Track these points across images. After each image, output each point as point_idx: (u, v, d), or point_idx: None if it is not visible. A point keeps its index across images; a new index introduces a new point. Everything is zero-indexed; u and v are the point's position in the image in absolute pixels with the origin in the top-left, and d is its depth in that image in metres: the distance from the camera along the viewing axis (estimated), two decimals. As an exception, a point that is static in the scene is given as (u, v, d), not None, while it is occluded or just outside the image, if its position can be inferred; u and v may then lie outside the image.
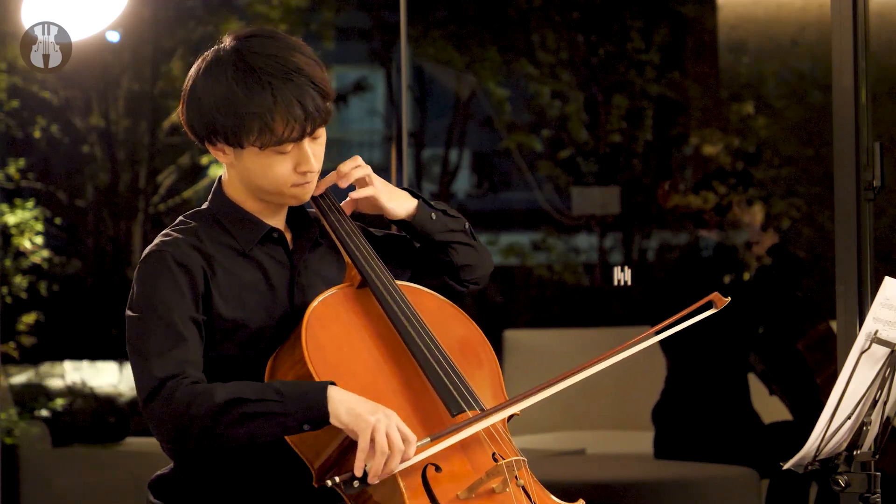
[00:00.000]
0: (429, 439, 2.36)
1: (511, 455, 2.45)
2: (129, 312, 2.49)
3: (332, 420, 2.34)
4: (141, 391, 2.42)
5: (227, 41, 2.51)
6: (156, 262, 2.49)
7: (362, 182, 2.64)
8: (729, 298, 2.49)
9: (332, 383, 2.37)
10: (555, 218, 6.82)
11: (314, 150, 2.51)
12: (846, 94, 3.76)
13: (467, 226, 2.75)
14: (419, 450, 2.36)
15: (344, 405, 2.34)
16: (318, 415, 2.34)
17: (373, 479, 2.33)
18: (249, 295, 2.53)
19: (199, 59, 2.53)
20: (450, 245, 2.71)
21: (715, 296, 2.52)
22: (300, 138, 2.47)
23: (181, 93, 2.56)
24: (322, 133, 2.53)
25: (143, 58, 6.75)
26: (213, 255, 2.53)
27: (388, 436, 2.32)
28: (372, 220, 2.77)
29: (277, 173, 2.50)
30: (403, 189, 2.70)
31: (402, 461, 2.34)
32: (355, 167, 2.64)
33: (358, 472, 2.32)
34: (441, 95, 7.45)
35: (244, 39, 2.50)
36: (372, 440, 2.31)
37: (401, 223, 2.69)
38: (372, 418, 2.32)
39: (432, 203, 2.71)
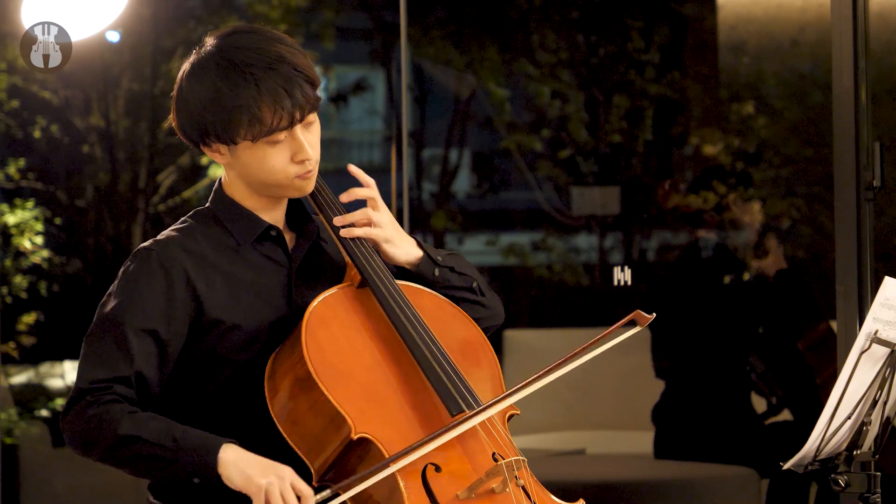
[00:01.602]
0: (328, 492, 2.34)
1: (511, 455, 2.45)
2: (105, 298, 2.51)
3: (225, 481, 2.35)
4: (70, 393, 2.45)
5: (209, 42, 2.52)
6: (141, 262, 2.51)
7: (366, 221, 2.62)
8: (654, 315, 2.45)
9: (233, 441, 2.37)
10: (555, 218, 6.82)
11: (308, 138, 2.51)
12: (846, 94, 3.77)
13: (475, 284, 2.69)
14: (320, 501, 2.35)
15: (237, 468, 2.34)
16: (207, 473, 2.36)
17: None
18: (246, 294, 2.53)
19: (185, 64, 2.53)
20: (453, 299, 2.68)
21: (636, 313, 2.47)
22: (290, 126, 2.47)
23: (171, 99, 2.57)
24: (313, 120, 2.52)
25: (143, 58, 6.75)
26: (208, 256, 2.53)
27: (283, 496, 2.31)
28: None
29: (275, 165, 2.50)
30: (413, 237, 2.67)
31: None
32: (365, 195, 2.61)
33: None
34: (441, 95, 7.45)
35: (224, 37, 2.51)
36: (267, 502, 2.31)
37: (399, 267, 2.66)
38: (264, 481, 2.32)
39: (439, 258, 2.66)
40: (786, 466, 2.70)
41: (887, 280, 2.68)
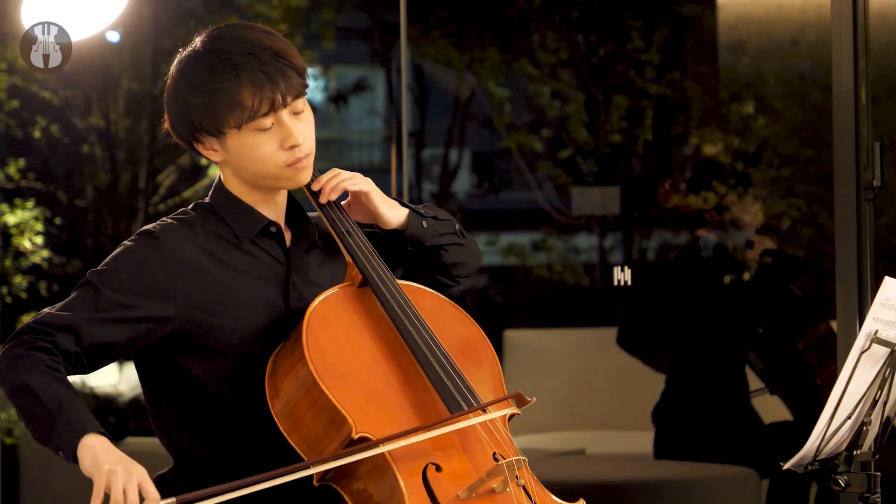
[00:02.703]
0: (173, 499, 2.29)
1: (512, 455, 2.45)
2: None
3: (80, 466, 2.33)
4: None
5: (197, 40, 2.54)
6: (142, 240, 2.53)
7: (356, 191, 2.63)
8: (534, 399, 2.46)
9: (105, 433, 2.35)
10: (555, 218, 6.82)
11: (298, 126, 2.51)
12: (846, 94, 3.76)
13: (457, 227, 2.75)
14: None
15: (91, 452, 2.32)
16: (68, 451, 2.34)
17: None
18: (243, 289, 2.54)
19: (173, 66, 2.54)
20: (441, 247, 2.71)
21: (517, 394, 2.47)
22: (272, 109, 2.47)
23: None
24: (303, 108, 2.52)
25: (143, 58, 6.75)
26: (207, 248, 2.54)
27: (125, 490, 2.28)
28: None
29: (264, 153, 2.50)
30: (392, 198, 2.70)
31: None
32: (343, 180, 2.62)
33: None
34: (441, 95, 7.45)
35: (211, 31, 2.53)
36: (107, 492, 2.29)
37: (390, 232, 2.68)
38: (107, 468, 2.29)
39: (422, 211, 2.70)
40: (786, 466, 2.70)
41: (887, 280, 2.68)
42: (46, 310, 2.47)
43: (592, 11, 7.06)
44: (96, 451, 2.32)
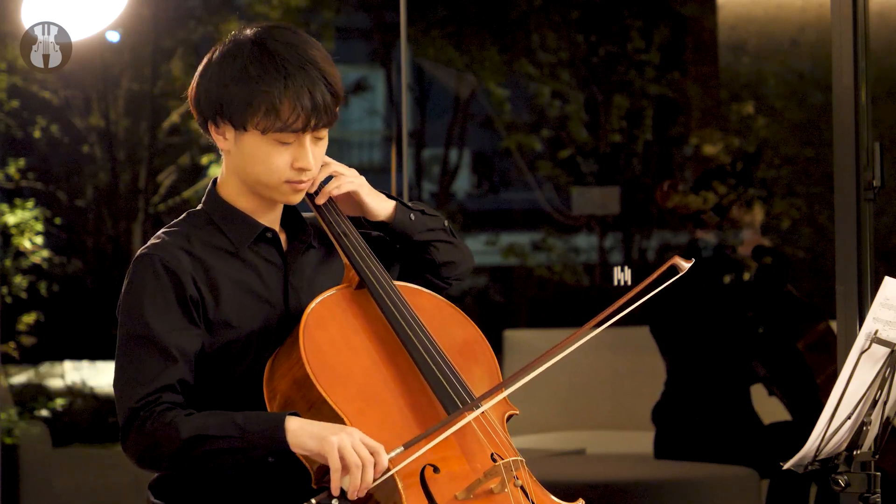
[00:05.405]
0: (402, 448, 2.34)
1: (509, 455, 2.44)
2: (119, 316, 2.52)
3: (296, 449, 2.35)
4: (119, 416, 2.46)
5: (249, 30, 2.53)
6: (145, 268, 2.50)
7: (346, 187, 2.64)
8: (693, 260, 2.46)
9: (295, 413, 2.38)
10: (555, 218, 6.82)
11: (314, 150, 2.51)
12: (846, 94, 3.76)
13: (446, 224, 2.75)
14: (393, 461, 2.35)
15: (305, 432, 2.35)
16: (279, 447, 2.36)
17: (353, 496, 2.33)
18: (242, 296, 2.53)
19: (217, 45, 2.54)
20: (430, 244, 2.71)
21: (675, 260, 2.49)
22: (303, 129, 2.47)
23: (186, 90, 2.58)
24: (324, 136, 2.53)
25: (143, 58, 6.75)
26: (203, 258, 2.53)
27: (355, 450, 2.32)
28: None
29: (275, 164, 2.50)
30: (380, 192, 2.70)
31: (377, 472, 2.33)
32: (333, 186, 2.62)
33: (335, 492, 2.32)
34: (441, 95, 7.45)
35: (266, 28, 2.53)
36: (342, 458, 2.32)
37: (379, 225, 2.68)
38: (335, 438, 2.32)
39: (409, 204, 2.70)
40: (786, 466, 2.70)
41: (887, 280, 2.68)
42: (127, 389, 2.45)
43: (592, 11, 7.06)
44: (307, 430, 2.36)
